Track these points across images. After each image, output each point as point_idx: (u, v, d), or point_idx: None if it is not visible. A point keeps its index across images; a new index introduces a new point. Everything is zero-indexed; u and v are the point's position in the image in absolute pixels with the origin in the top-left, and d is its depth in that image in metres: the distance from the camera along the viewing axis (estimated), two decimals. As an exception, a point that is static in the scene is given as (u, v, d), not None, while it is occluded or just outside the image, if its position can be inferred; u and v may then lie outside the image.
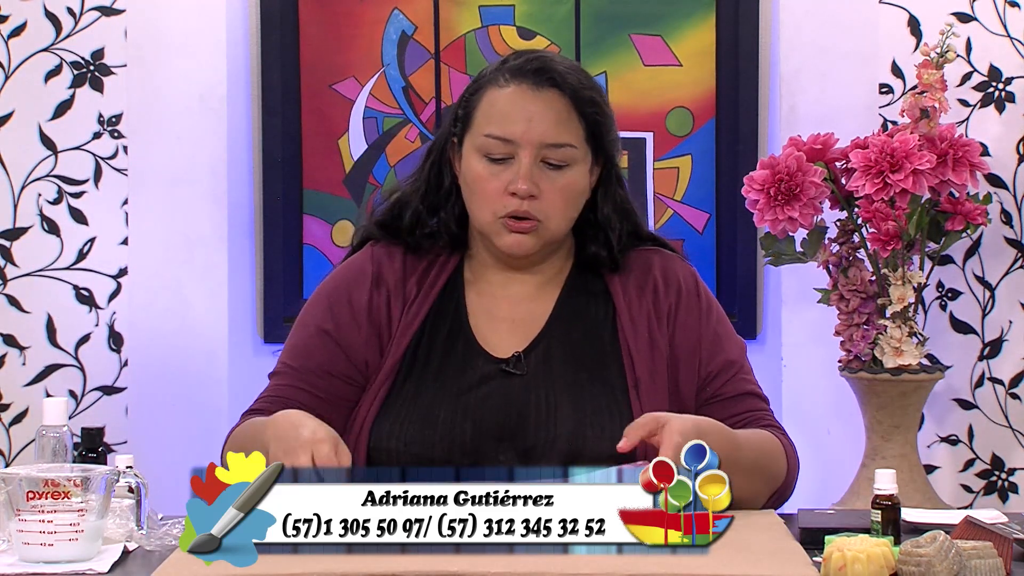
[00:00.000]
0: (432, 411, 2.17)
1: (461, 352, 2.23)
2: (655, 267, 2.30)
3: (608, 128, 2.24)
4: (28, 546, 1.86)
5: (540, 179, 2.18)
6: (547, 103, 2.19)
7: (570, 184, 2.20)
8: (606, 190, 2.27)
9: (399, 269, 2.28)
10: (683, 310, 2.27)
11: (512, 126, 2.19)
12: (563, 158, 2.19)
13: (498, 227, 2.21)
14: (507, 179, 2.18)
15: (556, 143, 2.18)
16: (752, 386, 2.29)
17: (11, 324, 3.42)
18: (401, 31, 3.49)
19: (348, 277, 2.29)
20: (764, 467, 2.15)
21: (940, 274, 3.37)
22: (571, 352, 2.23)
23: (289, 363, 2.26)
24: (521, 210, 2.18)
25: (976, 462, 3.40)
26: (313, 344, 2.25)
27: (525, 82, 2.21)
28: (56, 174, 3.42)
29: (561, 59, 2.27)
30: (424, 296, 2.26)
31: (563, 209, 2.21)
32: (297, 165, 3.49)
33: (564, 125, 2.19)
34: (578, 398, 2.18)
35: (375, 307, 2.25)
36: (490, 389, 2.19)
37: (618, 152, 2.28)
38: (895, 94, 3.36)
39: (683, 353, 2.24)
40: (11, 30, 3.40)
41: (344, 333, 2.24)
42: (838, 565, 1.73)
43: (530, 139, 2.18)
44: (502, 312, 2.27)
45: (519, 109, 2.19)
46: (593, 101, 2.21)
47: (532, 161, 2.18)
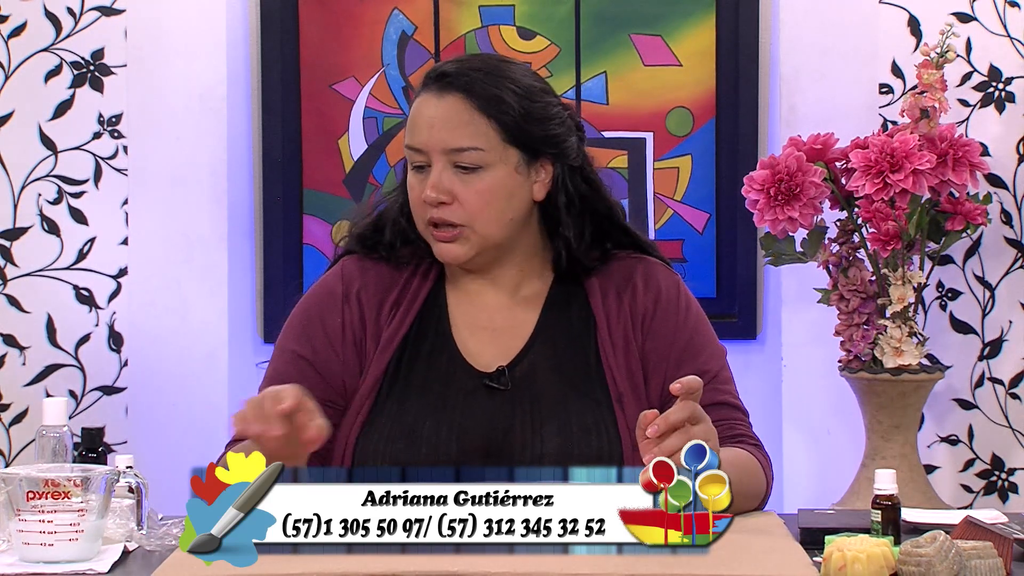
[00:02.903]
0: (416, 428, 2.15)
1: (445, 365, 2.20)
2: (637, 274, 2.26)
3: (533, 125, 2.18)
4: (28, 546, 1.86)
5: (453, 184, 2.16)
6: (448, 108, 2.16)
7: (489, 187, 2.16)
8: (557, 188, 2.22)
9: (375, 283, 2.26)
10: (659, 317, 2.23)
11: (418, 135, 2.18)
12: (472, 161, 2.16)
13: (429, 236, 2.20)
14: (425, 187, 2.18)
15: (459, 147, 2.15)
16: (726, 396, 2.22)
17: (11, 324, 3.42)
18: (401, 31, 3.49)
19: (318, 300, 2.27)
20: (746, 486, 2.12)
21: (940, 274, 3.37)
22: (555, 366, 2.20)
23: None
24: (436, 217, 2.17)
25: (976, 462, 3.40)
26: (291, 371, 2.21)
27: (429, 89, 2.19)
28: (56, 174, 3.42)
29: (483, 61, 2.23)
30: (406, 309, 2.24)
31: (485, 212, 2.16)
32: (297, 165, 3.49)
33: (466, 128, 2.16)
34: (563, 415, 2.16)
35: (348, 326, 2.23)
36: (474, 405, 2.17)
37: (570, 149, 2.22)
38: (895, 94, 3.37)
39: (654, 360, 2.21)
40: (11, 30, 3.40)
41: (321, 358, 2.22)
42: (838, 565, 1.73)
43: (433, 145, 2.16)
44: (482, 321, 2.24)
45: (423, 117, 2.18)
46: (500, 100, 2.16)
47: (441, 167, 2.16)
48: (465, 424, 2.15)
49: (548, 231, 2.26)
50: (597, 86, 3.47)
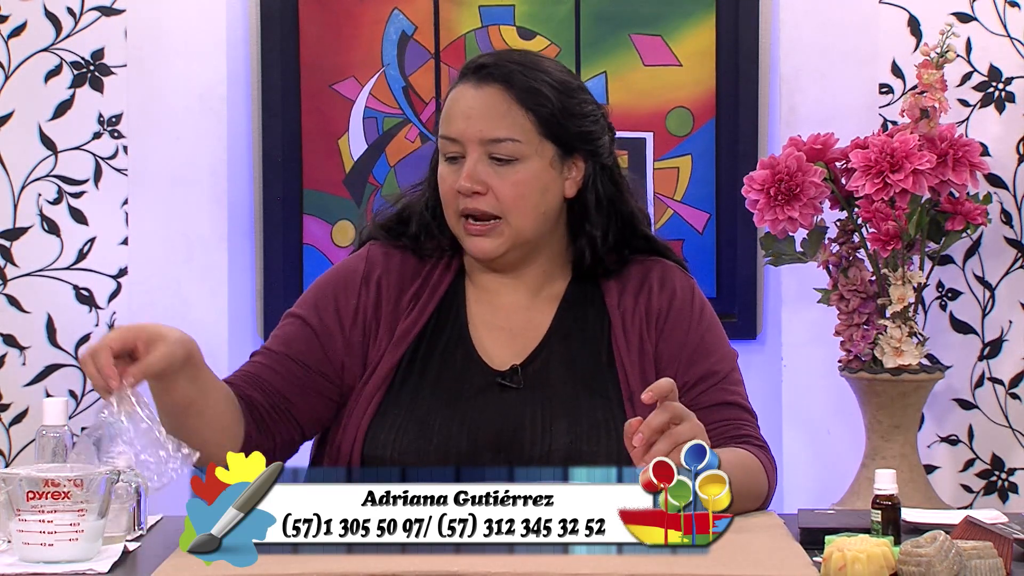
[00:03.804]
0: (427, 421, 2.16)
1: (460, 362, 2.21)
2: (653, 275, 2.27)
3: (569, 121, 2.20)
4: (28, 546, 1.86)
5: (488, 176, 2.16)
6: (486, 98, 2.17)
7: (524, 179, 2.17)
8: (587, 187, 2.23)
9: (398, 271, 2.27)
10: (672, 318, 2.24)
11: (454, 124, 2.18)
12: (509, 152, 2.16)
13: (460, 230, 2.20)
14: (459, 178, 2.18)
15: (496, 138, 2.16)
16: (734, 397, 2.23)
17: (11, 324, 3.42)
18: (401, 31, 3.49)
19: (338, 278, 2.28)
20: (748, 486, 2.12)
21: (940, 274, 3.37)
22: (568, 366, 2.21)
23: (270, 347, 2.26)
24: (470, 208, 2.17)
25: (976, 462, 3.40)
26: (295, 334, 2.24)
27: (467, 80, 2.20)
28: (56, 174, 3.42)
29: (521, 55, 2.24)
30: (426, 301, 2.25)
31: (519, 204, 2.17)
32: (297, 165, 3.49)
33: (504, 119, 2.16)
34: (574, 413, 2.17)
35: (361, 309, 2.24)
36: (486, 401, 2.18)
37: (603, 148, 2.24)
38: (895, 94, 3.37)
39: (665, 360, 2.22)
40: (11, 30, 3.40)
41: (326, 331, 2.24)
42: (838, 565, 1.73)
43: (470, 136, 2.16)
44: (499, 320, 2.25)
45: (460, 107, 2.18)
46: (538, 92, 2.17)
47: (477, 157, 2.16)
48: (476, 419, 2.16)
49: (572, 231, 2.26)
50: (597, 86, 3.47)
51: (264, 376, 2.22)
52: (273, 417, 2.20)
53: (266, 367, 2.23)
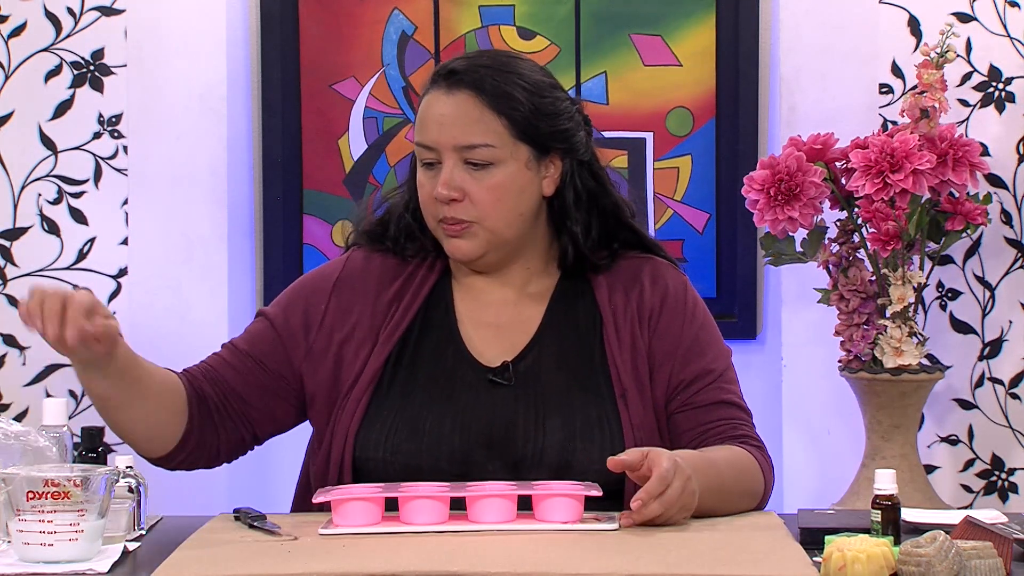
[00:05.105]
0: (420, 420, 2.16)
1: (450, 359, 2.21)
2: (644, 272, 2.27)
3: (542, 121, 2.19)
4: (28, 546, 1.85)
5: (465, 181, 2.16)
6: (458, 105, 2.17)
7: (501, 183, 2.17)
8: (566, 184, 2.23)
9: (378, 273, 2.27)
10: (666, 316, 2.24)
11: (428, 132, 2.18)
12: (484, 157, 2.16)
13: (440, 233, 2.21)
14: (436, 184, 2.18)
15: (470, 144, 2.16)
16: (730, 396, 2.23)
17: (11, 324, 3.42)
18: (401, 31, 3.49)
19: (312, 283, 2.30)
20: (743, 485, 2.12)
21: (940, 274, 3.37)
22: (560, 362, 2.21)
23: (236, 343, 2.28)
24: (447, 215, 2.18)
25: (976, 462, 3.40)
26: (261, 335, 2.27)
27: (438, 86, 2.20)
28: (56, 174, 3.41)
29: (492, 57, 2.24)
30: (410, 301, 2.24)
31: (496, 208, 2.17)
32: (297, 165, 3.49)
33: (476, 125, 2.16)
34: (567, 410, 2.16)
35: (330, 313, 2.25)
36: (478, 398, 2.17)
37: (579, 144, 2.23)
38: (895, 94, 3.36)
39: (659, 359, 2.22)
40: (11, 30, 3.40)
41: (288, 334, 2.25)
42: (838, 565, 1.73)
43: (444, 143, 2.17)
44: (488, 317, 2.25)
45: (432, 114, 2.18)
46: (510, 96, 2.17)
47: (452, 164, 2.16)
48: (468, 418, 2.16)
49: (555, 228, 2.26)
50: (597, 86, 3.47)
51: (222, 372, 2.24)
52: (222, 413, 2.22)
53: (227, 363, 2.25)
